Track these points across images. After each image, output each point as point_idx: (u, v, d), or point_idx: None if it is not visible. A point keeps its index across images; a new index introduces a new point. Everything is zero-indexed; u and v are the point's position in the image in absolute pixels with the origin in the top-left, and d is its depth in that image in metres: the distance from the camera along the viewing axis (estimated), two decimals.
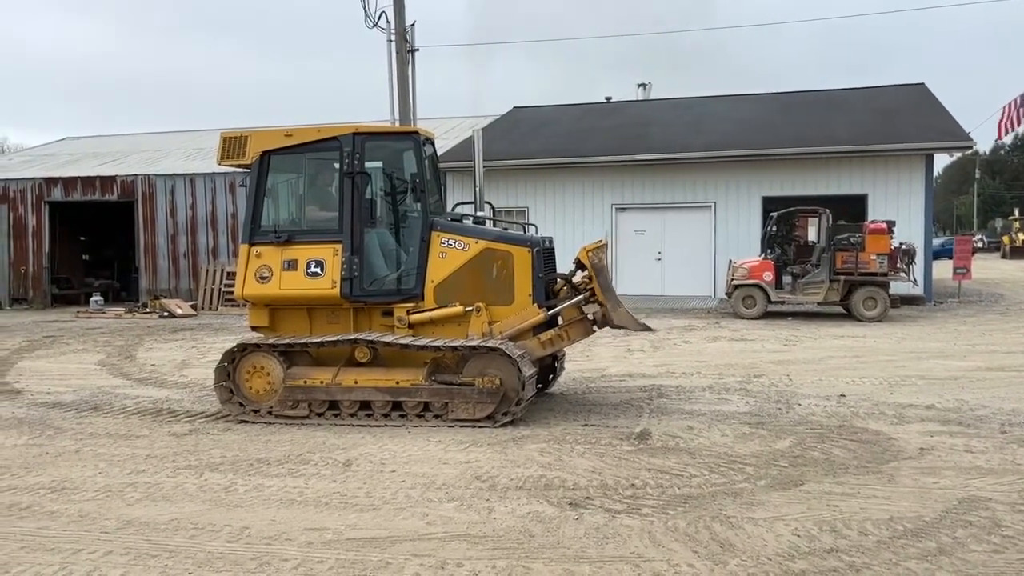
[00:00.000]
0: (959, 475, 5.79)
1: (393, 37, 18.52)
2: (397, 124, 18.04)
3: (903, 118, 20.83)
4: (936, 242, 41.87)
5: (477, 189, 8.82)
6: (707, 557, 4.40)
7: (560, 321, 7.97)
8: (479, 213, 8.70)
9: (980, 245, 52.13)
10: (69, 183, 23.88)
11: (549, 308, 7.84)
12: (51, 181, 24.04)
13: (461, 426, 7.42)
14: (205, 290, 21.98)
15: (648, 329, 7.60)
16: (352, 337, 7.76)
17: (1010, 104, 25.14)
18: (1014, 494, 5.35)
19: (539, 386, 8.56)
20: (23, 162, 27.99)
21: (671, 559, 4.39)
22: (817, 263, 16.68)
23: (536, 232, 8.72)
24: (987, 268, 35.52)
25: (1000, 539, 4.60)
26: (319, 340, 7.81)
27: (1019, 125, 23.77)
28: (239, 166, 8.47)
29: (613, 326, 7.82)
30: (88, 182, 23.74)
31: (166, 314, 19.94)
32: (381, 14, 18.54)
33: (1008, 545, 4.51)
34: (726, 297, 17.82)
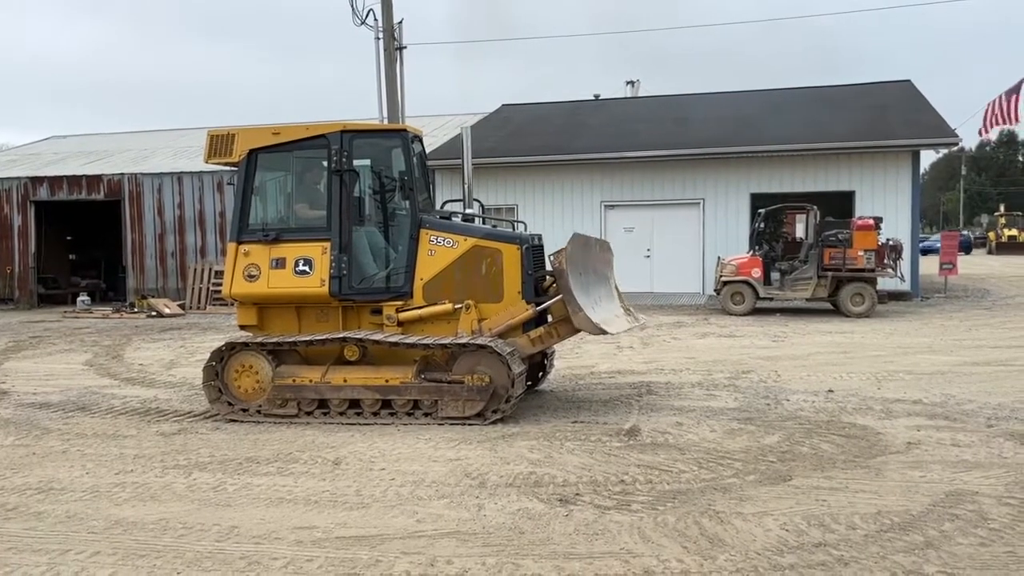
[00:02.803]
0: (946, 469, 5.83)
1: (381, 35, 18.48)
2: (385, 122, 18.00)
3: (890, 115, 20.94)
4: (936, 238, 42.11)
5: (466, 187, 8.80)
6: (696, 552, 4.42)
7: (549, 318, 7.97)
8: (468, 211, 8.69)
9: (968, 236, 52.36)
10: (55, 182, 23.72)
11: (538, 305, 7.84)
12: (37, 180, 23.87)
13: (451, 424, 7.41)
14: (193, 289, 21.88)
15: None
16: (341, 335, 7.74)
17: (994, 102, 25.26)
18: (1000, 487, 5.39)
19: (529, 383, 8.56)
20: (8, 161, 27.78)
21: (660, 554, 4.40)
22: (805, 259, 16.75)
23: (525, 229, 8.72)
24: (973, 264, 35.77)
25: (986, 532, 4.63)
26: (308, 339, 7.79)
27: (1002, 119, 23.82)
28: (227, 164, 8.43)
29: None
30: (74, 181, 23.58)
31: (154, 314, 19.84)
32: (368, 12, 18.52)
33: (994, 538, 4.54)
34: (715, 294, 17.87)
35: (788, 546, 4.48)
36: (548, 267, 8.28)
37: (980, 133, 24.66)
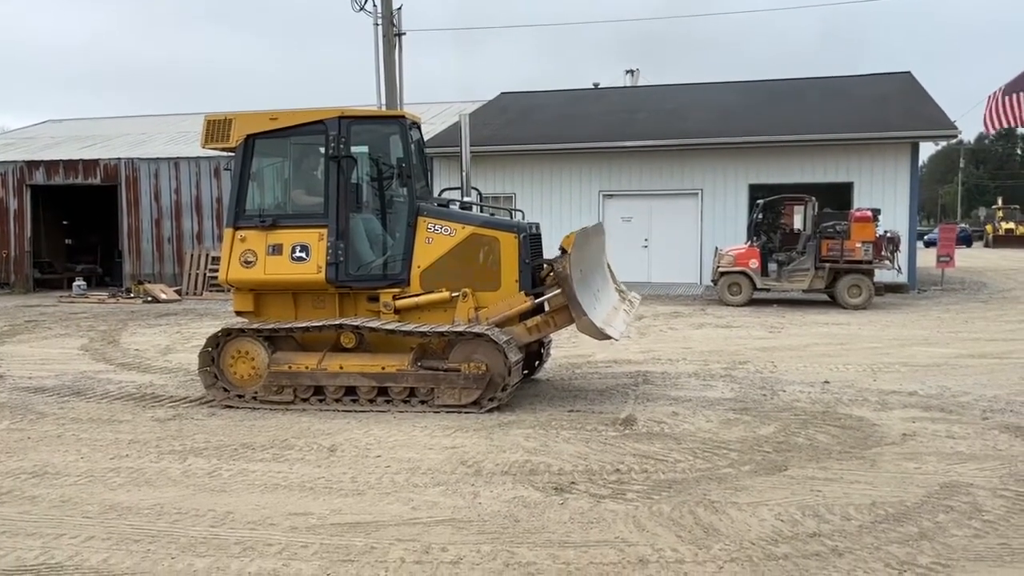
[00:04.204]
0: (941, 461, 5.84)
1: (379, 21, 18.38)
2: (384, 108, 17.93)
3: (890, 106, 20.89)
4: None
5: (464, 174, 8.77)
6: (691, 541, 4.42)
7: (547, 307, 7.95)
8: (466, 199, 8.67)
9: (967, 229, 52.33)
10: (51, 166, 23.62)
11: (537, 296, 7.82)
12: (33, 164, 23.76)
13: (447, 411, 7.41)
14: (190, 275, 21.84)
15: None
16: (337, 322, 7.73)
17: (994, 94, 25.16)
18: (995, 479, 5.40)
19: (525, 372, 8.56)
20: (4, 145, 27.65)
21: (655, 543, 4.40)
22: (803, 251, 16.74)
23: (523, 218, 8.69)
24: (970, 256, 35.80)
25: (981, 524, 4.64)
26: (304, 325, 7.77)
27: (1006, 120, 23.63)
28: (224, 149, 8.39)
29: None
30: (71, 165, 23.49)
31: (150, 299, 19.81)
32: None
33: (989, 530, 4.55)
34: (712, 284, 17.87)
35: (783, 536, 4.48)
36: (546, 258, 8.27)
37: (986, 129, 24.56)
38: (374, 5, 18.36)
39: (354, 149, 7.95)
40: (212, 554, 4.35)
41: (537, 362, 9.16)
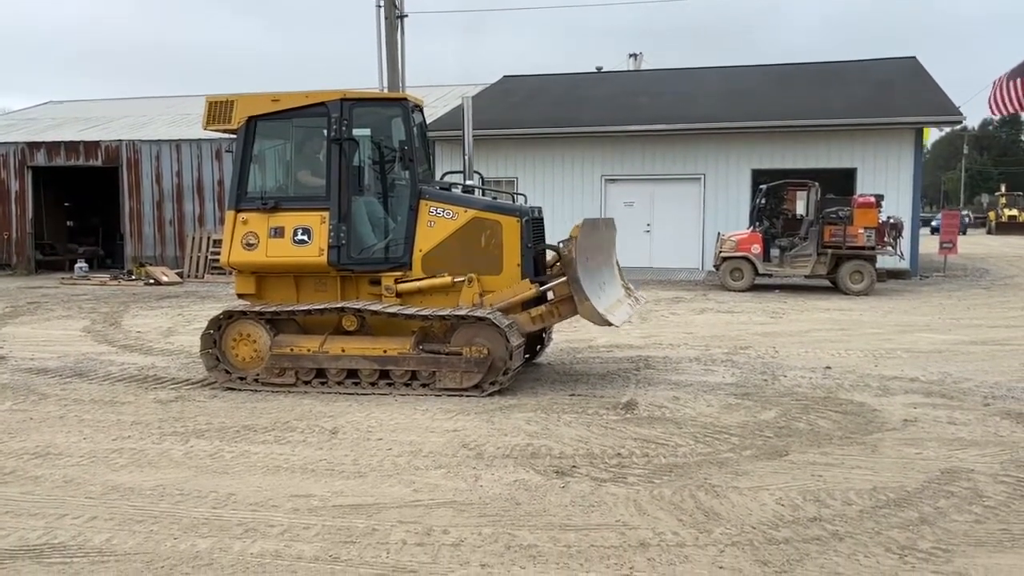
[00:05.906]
0: (942, 446, 5.85)
1: (382, 3, 18.26)
2: (386, 91, 17.84)
3: (894, 92, 20.78)
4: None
5: (466, 158, 8.74)
6: (692, 525, 4.43)
7: (550, 295, 7.93)
8: (468, 182, 8.64)
9: (968, 215, 52.23)
10: (52, 148, 23.57)
11: (541, 284, 7.81)
12: (34, 146, 23.71)
13: (448, 395, 7.42)
14: (191, 257, 21.83)
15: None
16: (339, 305, 7.72)
17: (1000, 79, 24.99)
18: (996, 465, 5.41)
19: (527, 356, 8.56)
20: (5, 126, 27.58)
21: (656, 527, 4.41)
22: (805, 236, 16.70)
23: (525, 202, 8.67)
24: (973, 243, 35.75)
25: (981, 509, 4.65)
26: (306, 308, 7.77)
27: (1012, 105, 23.43)
28: (225, 131, 8.35)
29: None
30: (72, 147, 23.44)
31: (152, 281, 19.81)
32: None
33: (989, 515, 4.56)
34: (714, 269, 17.85)
35: (784, 520, 4.49)
36: (548, 242, 8.26)
37: (990, 110, 24.32)
38: None
39: (356, 132, 7.91)
40: (214, 535, 4.37)
41: (539, 346, 9.17)
